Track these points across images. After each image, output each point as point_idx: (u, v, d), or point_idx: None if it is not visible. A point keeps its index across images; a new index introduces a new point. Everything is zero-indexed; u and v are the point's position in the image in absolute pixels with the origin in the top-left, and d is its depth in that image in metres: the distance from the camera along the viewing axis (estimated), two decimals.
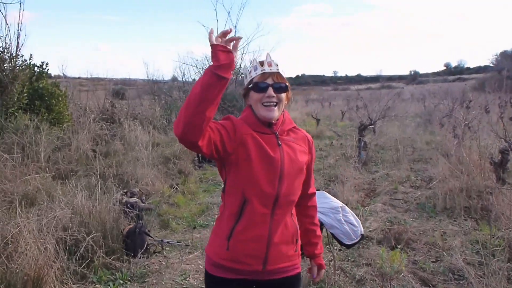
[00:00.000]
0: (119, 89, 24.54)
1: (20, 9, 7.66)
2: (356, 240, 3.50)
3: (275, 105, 1.83)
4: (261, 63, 1.87)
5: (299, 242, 1.97)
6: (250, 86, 1.87)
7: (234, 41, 1.67)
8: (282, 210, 1.85)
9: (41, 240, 3.53)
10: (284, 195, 1.82)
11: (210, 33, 1.65)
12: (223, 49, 1.61)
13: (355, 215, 3.57)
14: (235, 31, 14.17)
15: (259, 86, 1.83)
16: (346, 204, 5.86)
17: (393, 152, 9.24)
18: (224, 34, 1.63)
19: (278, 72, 1.84)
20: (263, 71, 1.84)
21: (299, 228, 1.98)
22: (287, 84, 1.87)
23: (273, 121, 1.87)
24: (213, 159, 1.88)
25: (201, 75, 1.61)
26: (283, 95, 1.85)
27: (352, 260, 4.26)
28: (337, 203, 3.53)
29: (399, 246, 4.45)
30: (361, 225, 3.52)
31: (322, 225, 3.49)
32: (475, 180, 5.79)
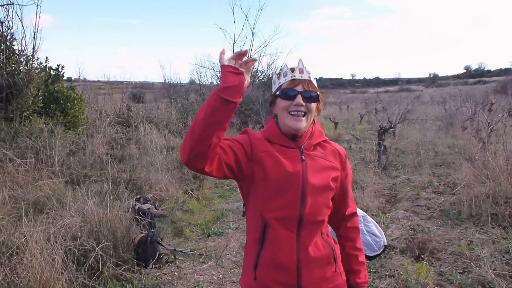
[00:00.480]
0: (137, 92, 24.70)
1: (36, 12, 7.65)
2: (379, 252, 3.28)
3: (304, 115, 1.66)
4: (292, 69, 1.70)
5: (339, 259, 1.78)
6: (278, 93, 1.70)
7: (248, 64, 1.53)
8: (310, 231, 1.66)
9: (48, 251, 3.40)
10: (309, 215, 1.63)
11: (221, 54, 1.52)
12: (233, 71, 1.47)
13: (377, 225, 3.35)
14: (252, 33, 14.07)
15: (287, 93, 1.67)
16: (366, 211, 5.68)
17: (414, 156, 8.93)
18: (239, 55, 1.51)
19: (310, 80, 1.69)
20: (293, 78, 1.68)
21: (341, 253, 1.81)
22: (319, 93, 1.71)
23: (299, 134, 1.69)
24: (229, 179, 1.72)
25: (207, 99, 1.48)
26: (313, 105, 1.68)
27: (374, 271, 4.03)
28: (359, 212, 3.31)
29: (423, 256, 4.21)
30: (383, 235, 3.29)
31: None
32: (501, 185, 5.48)
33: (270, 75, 16.43)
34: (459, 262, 4.11)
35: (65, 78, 8.58)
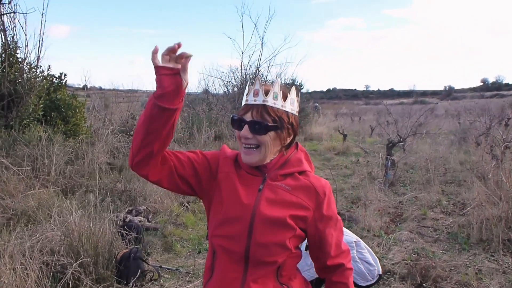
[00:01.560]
0: None
1: (41, 20, 7.61)
2: (372, 281, 3.03)
3: (256, 148, 1.43)
4: (255, 92, 1.44)
5: None
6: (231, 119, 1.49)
7: (183, 59, 1.33)
8: (259, 271, 1.42)
9: (21, 266, 3.23)
10: (256, 252, 1.40)
11: (153, 53, 1.31)
12: (167, 72, 1.30)
13: (372, 252, 3.09)
14: (262, 43, 13.95)
15: (234, 122, 1.46)
16: (368, 231, 5.41)
17: (423, 173, 8.59)
18: (172, 50, 1.31)
19: (263, 105, 1.41)
20: (246, 103, 1.45)
21: None
22: (273, 122, 1.42)
23: (257, 165, 1.47)
24: (189, 195, 1.57)
25: (146, 104, 1.36)
26: (268, 136, 1.42)
27: None
28: (351, 237, 3.05)
29: (425, 285, 3.92)
30: (378, 263, 3.04)
31: None
32: None
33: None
34: None
35: (80, 86, 8.53)
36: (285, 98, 1.45)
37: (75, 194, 5.85)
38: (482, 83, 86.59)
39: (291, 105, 1.47)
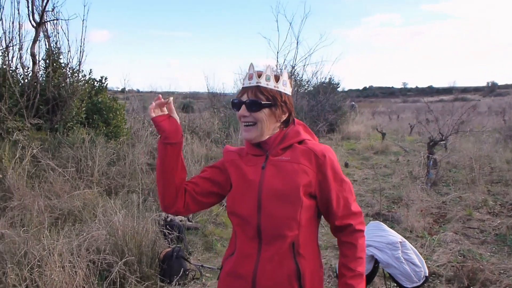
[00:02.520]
0: (188, 102, 25.21)
1: (82, 26, 7.86)
2: (419, 283, 2.95)
3: (253, 125, 1.59)
4: (249, 76, 1.62)
5: (308, 283, 1.56)
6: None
7: (166, 105, 1.63)
8: (272, 246, 1.53)
9: (70, 264, 3.33)
10: (267, 227, 1.52)
11: (150, 110, 1.63)
12: (163, 118, 1.60)
13: (418, 253, 3.01)
14: (297, 42, 13.89)
15: (233, 104, 1.66)
16: (411, 231, 5.28)
17: (467, 172, 8.31)
18: (159, 104, 1.63)
19: (257, 86, 1.59)
20: (243, 86, 1.65)
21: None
22: (266, 100, 1.58)
23: (256, 142, 1.62)
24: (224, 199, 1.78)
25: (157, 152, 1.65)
26: (262, 113, 1.58)
27: None
28: (396, 237, 2.98)
29: None
30: (425, 265, 2.96)
31: (377, 262, 2.99)
32: None
33: (316, 84, 16.13)
34: None
35: (119, 89, 8.78)
36: (277, 80, 1.60)
37: (118, 194, 6.00)
38: None
39: (284, 86, 1.62)
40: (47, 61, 7.36)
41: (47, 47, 7.53)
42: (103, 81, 8.39)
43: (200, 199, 1.69)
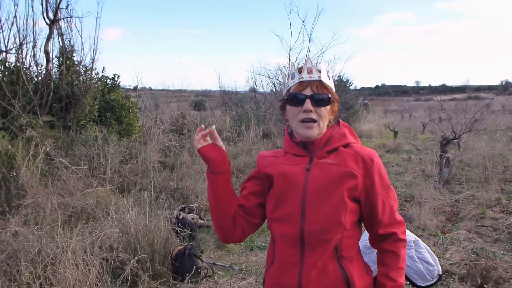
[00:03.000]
0: (200, 100, 25.29)
1: (96, 24, 7.91)
2: (432, 282, 2.91)
3: (315, 121, 1.49)
4: (300, 70, 1.52)
5: None
6: (286, 97, 1.55)
7: (211, 133, 1.60)
8: (316, 252, 1.44)
9: (83, 262, 3.36)
10: (311, 232, 1.43)
11: (195, 142, 1.60)
12: (209, 148, 1.56)
13: (431, 251, 2.98)
14: (309, 40, 13.82)
15: (294, 98, 1.51)
16: (423, 230, 5.24)
17: (481, 170, 8.21)
18: (203, 135, 1.58)
19: (320, 80, 1.50)
20: (301, 80, 1.51)
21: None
22: (330, 95, 1.52)
23: (314, 140, 1.52)
24: None
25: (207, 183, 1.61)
26: (325, 109, 1.50)
27: None
28: (409, 235, 2.94)
29: (486, 286, 3.74)
30: (438, 263, 2.92)
31: None
32: None
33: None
34: None
35: (132, 87, 8.81)
36: (329, 77, 1.57)
37: (130, 192, 6.04)
38: None
39: (332, 84, 1.58)
40: (61, 58, 7.42)
41: (61, 44, 7.59)
42: (116, 79, 8.43)
43: (253, 220, 1.63)
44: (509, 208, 6.19)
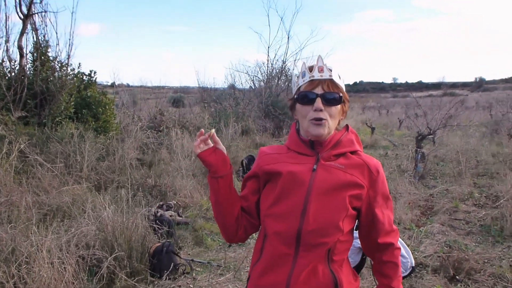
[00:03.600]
0: (178, 97, 25.07)
1: (71, 19, 7.79)
2: (405, 274, 2.99)
3: (324, 121, 1.47)
4: (310, 69, 1.50)
5: None
6: (296, 96, 1.52)
7: (212, 137, 1.59)
8: (311, 253, 1.43)
9: (59, 260, 3.33)
10: (309, 233, 1.41)
11: (195, 147, 1.58)
12: (209, 153, 1.56)
13: (405, 244, 3.06)
14: (288, 37, 13.89)
15: (305, 96, 1.49)
16: (399, 224, 5.35)
17: (454, 165, 8.43)
18: (202, 140, 1.58)
19: (331, 79, 1.48)
20: (312, 78, 1.49)
21: None
22: (341, 94, 1.49)
23: (320, 140, 1.50)
24: None
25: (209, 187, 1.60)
26: (336, 108, 1.49)
27: None
28: None
29: (458, 277, 3.86)
30: (411, 256, 3.00)
31: (365, 254, 3.03)
32: None
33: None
34: (499, 286, 3.74)
35: (109, 84, 8.70)
36: (340, 76, 1.53)
37: (107, 189, 5.98)
38: None
39: (343, 84, 1.54)
40: (35, 54, 7.28)
41: (35, 40, 7.44)
42: (92, 75, 8.32)
43: (253, 220, 1.62)
44: (481, 201, 6.38)
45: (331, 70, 1.48)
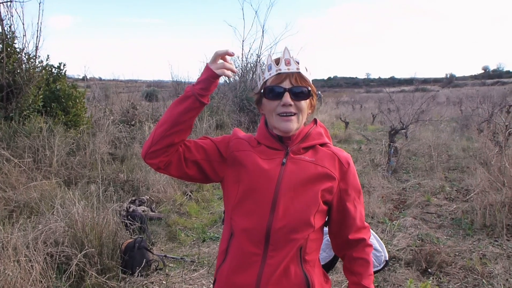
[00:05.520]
0: (152, 91, 24.73)
1: (39, 10, 7.54)
2: (379, 268, 3.01)
3: (294, 115, 1.44)
4: (277, 61, 1.45)
5: None
6: (262, 91, 1.46)
7: (223, 66, 1.43)
8: (280, 252, 1.37)
9: (24, 258, 3.21)
10: (279, 229, 1.36)
11: (216, 55, 1.42)
12: (215, 77, 1.42)
13: (379, 238, 3.07)
14: (263, 31, 13.87)
15: (272, 91, 1.44)
16: (372, 218, 5.40)
17: (426, 159, 8.58)
18: (225, 56, 1.44)
19: (299, 72, 1.43)
20: (279, 72, 1.43)
21: None
22: (310, 88, 1.45)
23: (292, 134, 1.46)
24: (204, 182, 1.58)
25: (181, 97, 1.45)
26: (304, 102, 1.44)
27: (376, 285, 3.74)
28: None
29: (430, 270, 3.91)
30: (385, 250, 3.01)
31: None
32: None
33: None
34: (469, 279, 3.80)
35: (80, 77, 8.45)
36: (307, 70, 1.48)
37: (77, 185, 5.83)
38: (483, 71, 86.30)
39: (310, 77, 1.49)
40: (1, 45, 6.99)
41: (0, 31, 7.15)
42: (62, 67, 8.07)
43: (184, 166, 1.48)
44: (452, 195, 6.50)
45: (298, 63, 1.44)
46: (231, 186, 1.48)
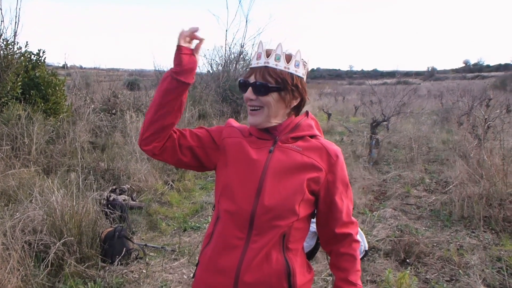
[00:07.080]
0: (134, 80, 24.45)
1: None
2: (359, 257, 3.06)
3: (258, 109, 1.46)
4: (258, 56, 1.46)
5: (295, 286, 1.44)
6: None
7: (198, 44, 1.47)
8: (264, 237, 1.38)
9: (2, 246, 3.16)
10: (263, 214, 1.38)
11: (181, 34, 1.44)
12: (188, 52, 1.44)
13: (359, 229, 3.11)
14: (246, 20, 13.77)
15: (240, 85, 1.50)
16: (353, 209, 5.46)
17: (407, 151, 8.69)
18: (192, 35, 1.45)
19: (265, 67, 1.43)
20: (250, 66, 1.49)
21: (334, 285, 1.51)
22: (272, 83, 1.43)
23: (263, 127, 1.49)
24: (199, 169, 1.64)
25: (160, 81, 1.47)
26: (270, 97, 1.43)
27: None
28: None
29: (409, 260, 3.98)
30: (365, 240, 3.05)
31: (319, 238, 3.06)
32: (496, 186, 5.17)
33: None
34: (446, 269, 3.87)
35: (60, 65, 8.28)
36: (288, 60, 1.44)
37: (56, 173, 5.74)
38: (464, 65, 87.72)
39: (296, 67, 1.46)
40: None
41: None
42: (41, 54, 7.89)
43: (179, 152, 1.52)
44: (432, 187, 6.60)
45: (268, 56, 1.43)
46: (221, 170, 1.52)
